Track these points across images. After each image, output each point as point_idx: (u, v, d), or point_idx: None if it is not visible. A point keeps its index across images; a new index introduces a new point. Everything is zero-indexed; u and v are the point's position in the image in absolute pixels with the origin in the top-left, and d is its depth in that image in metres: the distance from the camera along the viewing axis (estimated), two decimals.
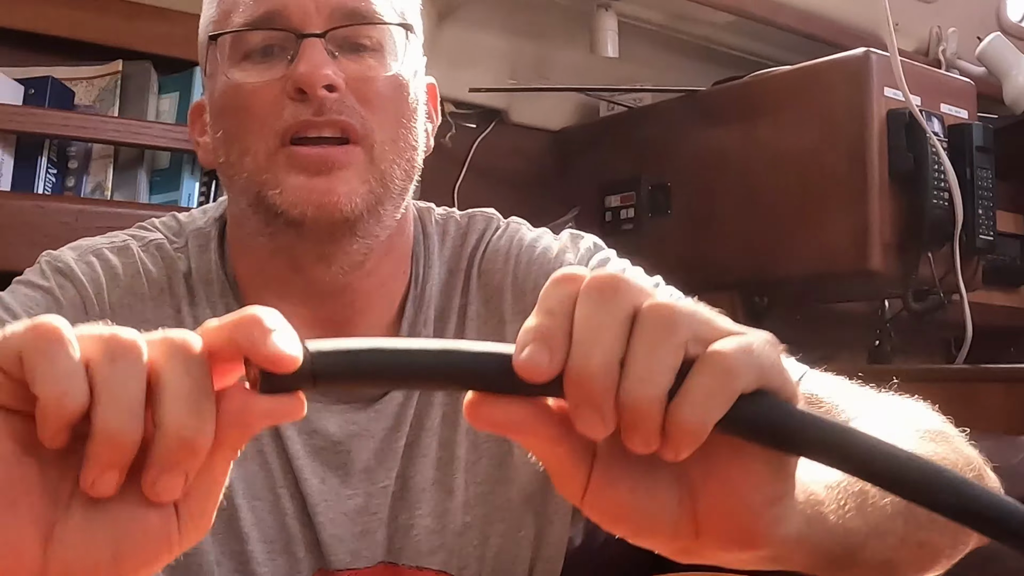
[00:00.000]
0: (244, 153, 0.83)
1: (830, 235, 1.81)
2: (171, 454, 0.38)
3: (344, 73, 0.81)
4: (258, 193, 0.82)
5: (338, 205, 0.79)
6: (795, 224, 1.87)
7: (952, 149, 1.81)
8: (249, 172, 0.83)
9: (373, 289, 0.90)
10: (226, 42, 0.84)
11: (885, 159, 1.75)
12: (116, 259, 0.88)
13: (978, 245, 1.86)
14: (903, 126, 1.75)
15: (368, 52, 0.84)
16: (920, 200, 1.76)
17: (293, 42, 0.81)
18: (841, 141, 1.80)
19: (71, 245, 0.90)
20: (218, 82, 0.85)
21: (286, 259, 0.86)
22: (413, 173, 0.88)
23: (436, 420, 0.89)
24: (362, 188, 0.81)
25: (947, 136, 1.81)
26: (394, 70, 0.84)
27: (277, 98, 0.80)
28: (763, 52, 2.28)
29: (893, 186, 1.76)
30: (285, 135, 0.80)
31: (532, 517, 0.93)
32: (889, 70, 1.74)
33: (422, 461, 0.89)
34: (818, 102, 1.85)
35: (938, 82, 1.93)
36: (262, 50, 0.83)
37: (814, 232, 1.84)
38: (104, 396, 0.38)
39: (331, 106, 0.80)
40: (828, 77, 1.85)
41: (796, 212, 1.87)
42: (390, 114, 0.84)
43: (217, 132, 0.86)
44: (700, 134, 2.03)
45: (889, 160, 1.75)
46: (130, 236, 0.91)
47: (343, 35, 0.83)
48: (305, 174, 0.80)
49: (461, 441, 0.89)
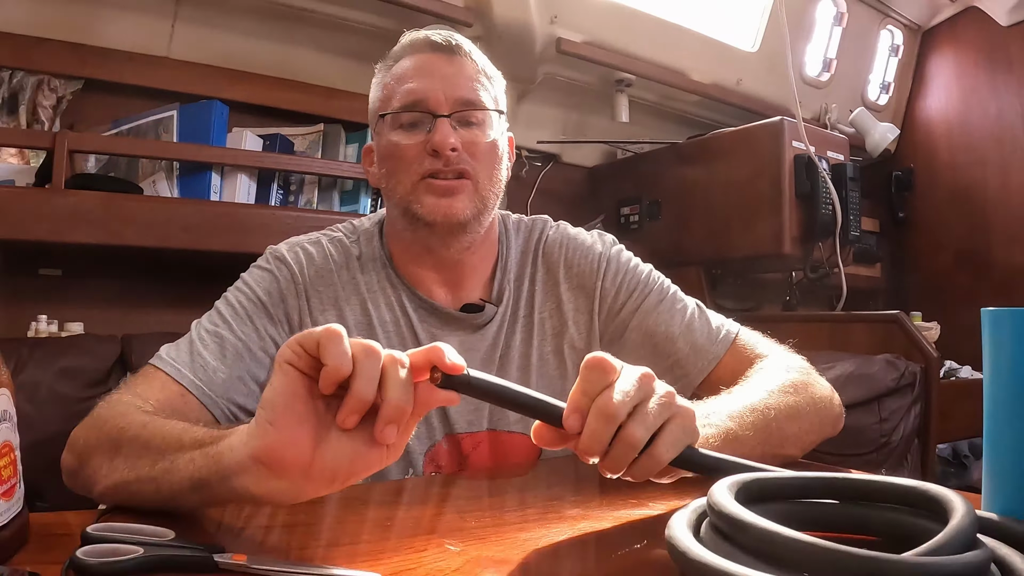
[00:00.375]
0: (399, 183, 0.88)
1: (759, 232, 2.01)
2: (390, 414, 0.46)
3: (461, 140, 0.86)
4: (407, 207, 0.87)
5: (456, 215, 0.85)
6: (738, 225, 2.07)
7: (834, 179, 2.00)
8: (401, 195, 0.88)
9: (476, 262, 0.94)
10: (388, 117, 0.88)
11: (792, 185, 1.96)
12: (312, 249, 0.92)
13: (850, 238, 2.07)
14: (804, 165, 1.96)
15: (475, 126, 0.88)
16: (814, 210, 1.96)
17: (430, 120, 0.86)
18: (766, 174, 2.00)
19: (285, 241, 0.94)
20: (383, 139, 0.89)
21: (423, 245, 0.90)
22: (500, 194, 0.92)
23: (517, 341, 0.93)
24: (470, 205, 0.86)
25: (831, 171, 2.01)
26: (491, 137, 0.88)
27: (420, 153, 0.86)
28: (718, 119, 2.47)
29: (797, 202, 1.96)
30: (424, 175, 0.86)
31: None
32: (795, 130, 1.97)
33: (509, 365, 0.92)
34: (752, 150, 2.05)
35: (825, 138, 2.12)
36: (411, 123, 0.87)
37: (749, 230, 2.04)
38: (358, 372, 0.46)
39: (453, 160, 0.85)
40: (758, 134, 2.03)
41: (738, 218, 2.06)
42: (487, 163, 0.88)
43: (382, 168, 0.91)
44: (678, 170, 2.22)
45: (795, 186, 1.96)
46: (321, 234, 0.96)
47: (461, 116, 0.87)
48: (436, 196, 0.85)
49: (532, 354, 0.93)
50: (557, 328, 0.93)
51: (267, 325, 0.85)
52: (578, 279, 0.94)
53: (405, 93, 0.86)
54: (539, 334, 0.92)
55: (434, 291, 0.91)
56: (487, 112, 0.87)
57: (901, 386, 1.72)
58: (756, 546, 0.42)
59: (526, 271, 0.95)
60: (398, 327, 0.90)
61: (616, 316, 0.92)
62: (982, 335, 0.56)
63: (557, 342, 0.92)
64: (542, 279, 0.95)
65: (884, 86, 2.81)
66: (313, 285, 0.89)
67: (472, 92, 0.86)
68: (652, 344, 0.90)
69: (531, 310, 0.93)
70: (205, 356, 0.79)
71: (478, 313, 0.91)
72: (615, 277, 0.93)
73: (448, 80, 0.85)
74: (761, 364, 0.83)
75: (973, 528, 0.43)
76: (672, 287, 0.95)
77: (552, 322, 0.93)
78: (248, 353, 0.82)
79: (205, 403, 0.77)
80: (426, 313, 0.91)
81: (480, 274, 0.94)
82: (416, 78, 0.86)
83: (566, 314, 0.93)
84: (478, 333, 0.91)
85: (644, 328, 0.90)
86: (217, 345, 0.81)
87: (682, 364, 0.89)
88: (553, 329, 0.93)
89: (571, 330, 0.93)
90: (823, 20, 2.57)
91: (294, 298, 0.87)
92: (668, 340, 0.89)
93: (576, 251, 0.95)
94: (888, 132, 2.66)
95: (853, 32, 2.63)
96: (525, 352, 0.92)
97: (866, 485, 0.52)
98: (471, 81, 0.87)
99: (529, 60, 2.03)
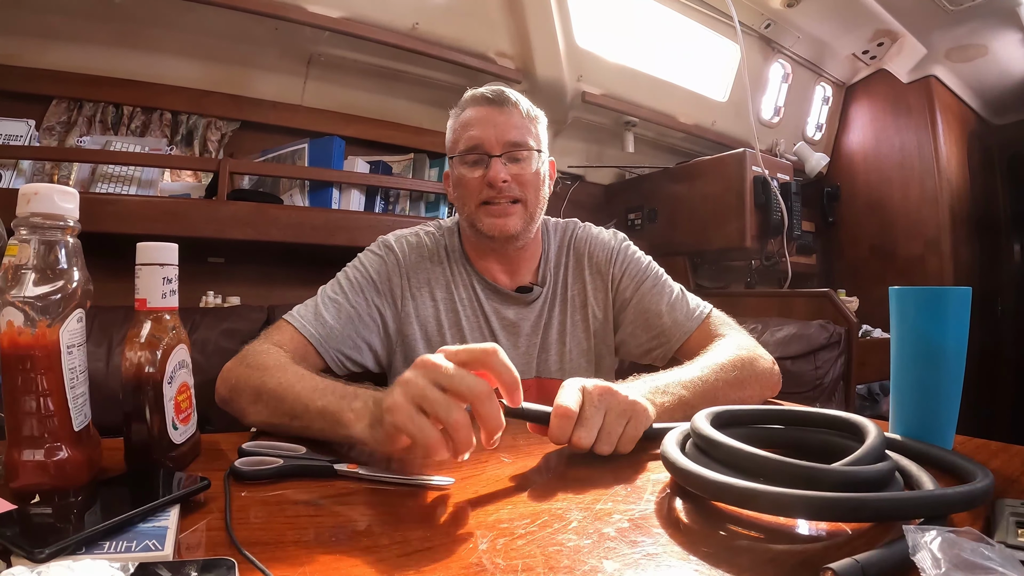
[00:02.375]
0: (465, 205, 0.87)
1: (728, 231, 2.10)
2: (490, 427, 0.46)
3: (511, 172, 0.84)
4: (472, 223, 0.87)
5: (508, 231, 0.85)
6: (712, 226, 2.16)
7: (782, 193, 2.08)
8: (467, 214, 0.87)
9: (527, 256, 0.92)
10: (456, 157, 0.87)
11: (752, 198, 2.06)
12: (413, 239, 0.91)
13: (793, 236, 2.16)
14: (760, 183, 2.06)
15: (523, 161, 0.86)
16: (767, 216, 2.06)
17: (486, 159, 0.84)
18: (733, 190, 2.09)
19: (392, 232, 0.93)
20: (455, 171, 0.88)
21: (487, 247, 0.89)
22: (544, 207, 0.91)
23: (556, 312, 0.91)
24: (520, 222, 0.86)
25: (780, 187, 2.08)
26: (534, 169, 0.86)
27: (480, 184, 0.84)
28: (698, 150, 2.55)
29: (756, 210, 2.07)
30: (482, 201, 0.85)
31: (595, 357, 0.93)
32: (754, 158, 2.08)
33: (550, 331, 0.91)
34: (722, 173, 2.13)
35: (775, 163, 2.20)
36: (473, 161, 0.85)
37: (721, 230, 2.13)
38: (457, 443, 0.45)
39: (505, 190, 0.84)
40: (727, 161, 2.13)
41: (713, 221, 2.15)
42: (532, 188, 0.87)
43: (455, 192, 0.89)
44: (670, 186, 2.31)
45: (754, 198, 2.06)
46: (420, 228, 0.94)
47: (510, 155, 0.85)
48: (493, 217, 0.85)
49: (567, 322, 0.91)
50: (583, 302, 0.92)
51: (375, 297, 0.85)
52: (597, 266, 0.93)
53: (467, 139, 0.85)
54: (571, 307, 0.92)
55: (497, 277, 0.91)
56: (531, 152, 0.86)
57: (830, 343, 1.80)
58: (725, 459, 0.43)
59: (562, 261, 0.94)
60: (472, 303, 0.90)
61: (622, 294, 0.91)
62: (890, 306, 0.56)
63: (584, 312, 0.92)
64: (573, 267, 0.94)
65: (819, 126, 2.92)
66: (412, 269, 0.88)
67: (519, 135, 0.85)
68: (645, 318, 0.89)
69: (565, 290, 0.93)
70: (325, 316, 0.80)
71: (528, 293, 0.91)
72: (622, 265, 0.92)
73: (499, 127, 0.84)
74: (719, 342, 0.80)
75: (883, 446, 0.43)
76: (664, 275, 0.93)
77: (580, 298, 0.92)
78: (358, 318, 0.83)
79: (320, 352, 0.78)
80: (491, 293, 0.91)
81: (530, 264, 0.93)
82: (475, 126, 0.84)
83: (588, 293, 0.92)
84: (529, 307, 0.91)
85: (640, 305, 0.89)
86: (336, 309, 0.81)
87: (665, 334, 0.88)
88: (580, 303, 0.92)
89: (592, 304, 0.92)
90: (775, 78, 2.70)
91: (398, 277, 0.87)
92: (656, 315, 0.88)
93: (596, 245, 0.94)
94: (821, 159, 2.77)
95: (796, 87, 2.75)
96: (562, 320, 0.91)
97: (804, 415, 0.53)
98: (518, 127, 0.85)
99: (562, 107, 2.15)
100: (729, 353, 0.74)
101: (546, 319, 0.90)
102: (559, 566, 0.35)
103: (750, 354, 0.76)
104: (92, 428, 0.47)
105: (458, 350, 0.47)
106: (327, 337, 0.78)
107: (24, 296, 0.41)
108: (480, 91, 0.87)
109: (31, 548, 0.31)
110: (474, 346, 0.47)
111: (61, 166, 1.48)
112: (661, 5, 2.20)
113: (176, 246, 0.52)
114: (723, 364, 0.71)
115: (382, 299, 0.85)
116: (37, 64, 1.51)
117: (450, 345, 0.77)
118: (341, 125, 1.87)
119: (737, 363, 0.72)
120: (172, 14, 1.54)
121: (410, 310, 0.86)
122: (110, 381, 1.17)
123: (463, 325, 0.87)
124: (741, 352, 0.75)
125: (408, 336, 0.86)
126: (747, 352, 0.76)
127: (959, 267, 2.58)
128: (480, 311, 0.89)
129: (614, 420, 0.52)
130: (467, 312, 0.89)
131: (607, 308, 0.91)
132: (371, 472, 0.49)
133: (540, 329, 0.89)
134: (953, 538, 0.29)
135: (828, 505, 0.37)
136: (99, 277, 0.48)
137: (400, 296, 0.86)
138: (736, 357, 0.73)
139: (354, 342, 0.82)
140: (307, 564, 0.35)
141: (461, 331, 0.87)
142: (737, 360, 0.73)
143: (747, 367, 0.73)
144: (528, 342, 0.89)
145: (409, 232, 0.92)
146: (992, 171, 2.91)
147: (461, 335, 0.87)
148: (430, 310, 0.87)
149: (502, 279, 0.91)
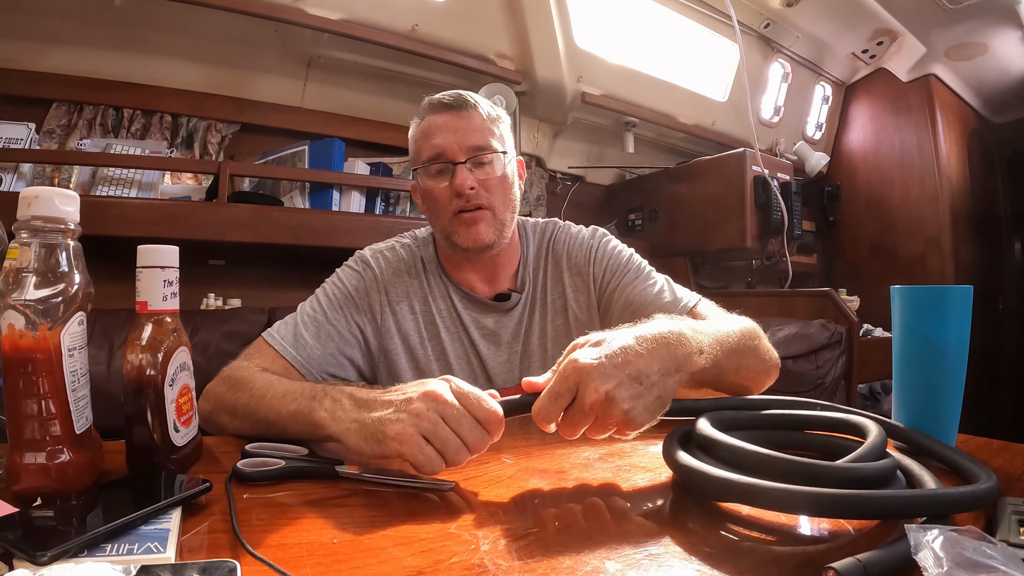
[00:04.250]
0: (438, 218, 0.86)
1: (729, 231, 2.12)
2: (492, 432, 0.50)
3: (476, 179, 0.83)
4: (447, 236, 0.86)
5: (482, 240, 0.84)
6: (713, 227, 2.17)
7: (782, 193, 2.10)
8: (441, 227, 0.86)
9: (503, 262, 0.91)
10: (421, 168, 0.85)
11: (752, 197, 2.08)
12: (389, 253, 0.90)
13: (794, 236, 2.18)
14: (760, 183, 2.08)
15: (488, 166, 0.84)
16: (768, 216, 2.08)
17: (451, 167, 0.82)
18: (733, 190, 2.10)
19: (368, 247, 0.92)
20: (420, 184, 0.86)
21: (463, 256, 0.88)
22: (516, 211, 0.88)
23: (536, 318, 0.91)
24: (491, 229, 0.84)
25: (780, 187, 2.10)
26: (499, 172, 0.85)
27: (448, 194, 0.83)
28: (698, 150, 2.57)
29: (756, 210, 2.08)
30: (455, 211, 0.83)
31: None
32: (754, 158, 2.09)
33: (531, 338, 0.90)
34: (723, 172, 2.15)
35: (776, 163, 2.23)
36: (437, 171, 0.84)
37: (722, 230, 2.14)
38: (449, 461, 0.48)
39: (472, 197, 0.82)
40: (728, 161, 2.14)
41: (713, 221, 2.17)
42: (500, 192, 0.85)
43: (424, 204, 0.87)
44: (670, 187, 2.33)
45: (754, 198, 2.08)
46: (395, 241, 0.93)
47: (475, 160, 0.83)
48: (465, 227, 0.84)
49: (547, 327, 0.90)
50: (563, 306, 0.91)
51: (354, 314, 0.85)
52: (577, 267, 0.92)
53: (430, 148, 0.83)
54: (551, 312, 0.91)
55: (475, 286, 0.91)
56: (496, 155, 0.84)
57: (831, 342, 1.80)
58: (728, 458, 0.44)
59: (540, 264, 0.93)
60: (451, 313, 0.90)
61: (605, 291, 0.90)
62: (891, 305, 0.56)
63: (565, 316, 0.91)
64: (552, 269, 0.92)
65: (818, 125, 2.93)
66: (390, 283, 0.88)
67: (481, 139, 0.83)
68: (631, 311, 0.87)
69: (544, 294, 0.92)
70: (305, 336, 0.79)
71: (506, 301, 0.90)
72: (601, 262, 0.91)
73: (460, 132, 0.82)
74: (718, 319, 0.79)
75: (884, 444, 0.43)
76: (647, 267, 0.92)
77: (560, 302, 0.91)
78: (338, 336, 0.82)
79: (302, 373, 0.78)
80: (469, 302, 0.90)
81: (507, 270, 0.92)
82: (436, 134, 0.83)
83: (568, 295, 0.91)
84: (508, 314, 0.90)
85: (625, 298, 0.88)
86: (316, 328, 0.81)
87: None
88: (561, 307, 0.91)
89: (573, 307, 0.91)
90: (774, 78, 2.71)
91: (376, 293, 0.87)
92: (643, 306, 0.87)
93: (574, 245, 0.93)
94: (821, 159, 2.78)
95: (796, 87, 2.76)
96: (542, 326, 0.90)
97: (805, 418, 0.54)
98: (479, 130, 0.83)
99: (562, 108, 2.16)
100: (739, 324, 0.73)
101: (526, 326, 0.90)
102: (561, 567, 0.35)
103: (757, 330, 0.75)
104: (93, 431, 0.47)
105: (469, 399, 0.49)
106: (309, 359, 0.79)
107: (25, 299, 0.41)
108: (437, 97, 0.86)
109: (33, 551, 0.32)
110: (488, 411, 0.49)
111: (62, 169, 1.49)
112: (660, 5, 2.21)
113: (177, 248, 0.52)
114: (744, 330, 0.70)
115: (361, 315, 0.86)
116: (37, 67, 1.52)
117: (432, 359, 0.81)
118: (341, 127, 1.87)
119: (751, 333, 0.71)
120: (172, 17, 1.54)
121: (390, 325, 0.86)
122: (111, 384, 1.16)
123: (443, 337, 0.88)
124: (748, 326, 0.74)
125: (390, 351, 0.86)
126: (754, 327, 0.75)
127: (960, 266, 2.59)
128: (459, 322, 0.89)
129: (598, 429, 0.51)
130: (446, 324, 0.89)
131: (591, 308, 0.91)
132: (373, 474, 0.49)
133: (521, 336, 0.89)
134: (955, 537, 0.29)
135: (832, 501, 0.36)
136: (100, 280, 0.48)
137: (379, 311, 0.86)
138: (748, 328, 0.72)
139: (337, 360, 0.82)
140: (309, 565, 0.35)
141: (441, 343, 0.87)
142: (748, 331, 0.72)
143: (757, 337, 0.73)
144: (510, 350, 0.89)
145: (385, 246, 0.92)
146: (992, 169, 2.92)
147: (441, 347, 0.87)
148: (410, 323, 0.87)
149: (480, 288, 0.91)
